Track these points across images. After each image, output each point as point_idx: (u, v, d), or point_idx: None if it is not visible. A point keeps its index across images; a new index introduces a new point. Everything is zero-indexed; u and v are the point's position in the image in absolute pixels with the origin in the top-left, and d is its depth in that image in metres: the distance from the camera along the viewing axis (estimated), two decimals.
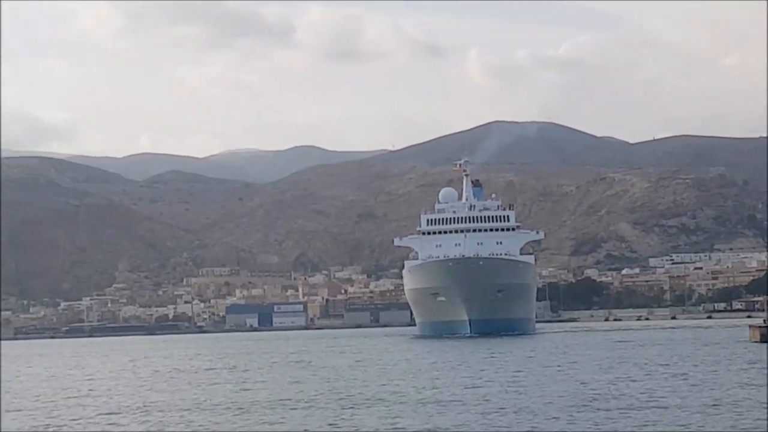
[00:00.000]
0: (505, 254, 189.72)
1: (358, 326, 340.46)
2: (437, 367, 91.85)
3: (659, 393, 60.59)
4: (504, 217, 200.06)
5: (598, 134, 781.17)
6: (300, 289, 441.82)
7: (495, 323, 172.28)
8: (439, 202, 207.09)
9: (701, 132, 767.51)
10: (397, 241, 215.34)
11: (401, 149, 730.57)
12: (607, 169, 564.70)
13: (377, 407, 56.77)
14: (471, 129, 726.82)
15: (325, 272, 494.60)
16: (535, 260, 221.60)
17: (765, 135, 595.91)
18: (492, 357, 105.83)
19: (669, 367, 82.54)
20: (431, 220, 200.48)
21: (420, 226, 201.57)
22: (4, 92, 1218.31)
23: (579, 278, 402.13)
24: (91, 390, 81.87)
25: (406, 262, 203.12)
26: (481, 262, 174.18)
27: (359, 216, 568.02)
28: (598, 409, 53.24)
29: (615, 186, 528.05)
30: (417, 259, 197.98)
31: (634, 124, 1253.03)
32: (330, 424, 50.79)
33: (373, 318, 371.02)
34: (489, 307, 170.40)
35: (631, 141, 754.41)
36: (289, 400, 64.21)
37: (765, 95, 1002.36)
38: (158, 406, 64.32)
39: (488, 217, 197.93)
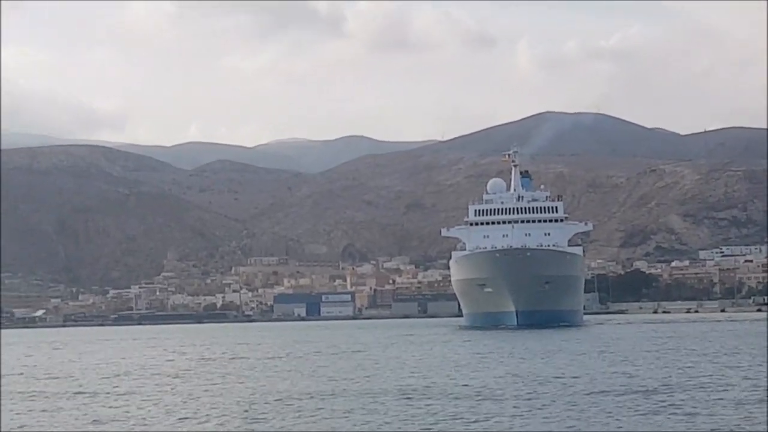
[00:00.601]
0: (553, 245, 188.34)
1: (406, 316, 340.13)
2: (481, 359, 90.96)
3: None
4: (552, 208, 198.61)
5: (649, 125, 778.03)
6: (348, 279, 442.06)
7: (542, 315, 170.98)
8: (487, 193, 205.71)
9: (753, 124, 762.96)
10: (444, 232, 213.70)
11: (450, 140, 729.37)
12: (657, 161, 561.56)
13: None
14: (520, 120, 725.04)
15: (373, 262, 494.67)
16: (584, 252, 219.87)
17: None
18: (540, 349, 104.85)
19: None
20: (479, 210, 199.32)
21: (468, 217, 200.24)
22: (56, 81, 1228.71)
23: (628, 270, 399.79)
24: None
25: (453, 253, 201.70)
26: (528, 254, 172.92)
27: (407, 206, 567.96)
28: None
29: (665, 178, 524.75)
30: (464, 249, 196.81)
31: (686, 116, 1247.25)
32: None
33: (421, 308, 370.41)
34: (536, 298, 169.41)
35: (682, 132, 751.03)
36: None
37: None
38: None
39: (536, 208, 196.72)
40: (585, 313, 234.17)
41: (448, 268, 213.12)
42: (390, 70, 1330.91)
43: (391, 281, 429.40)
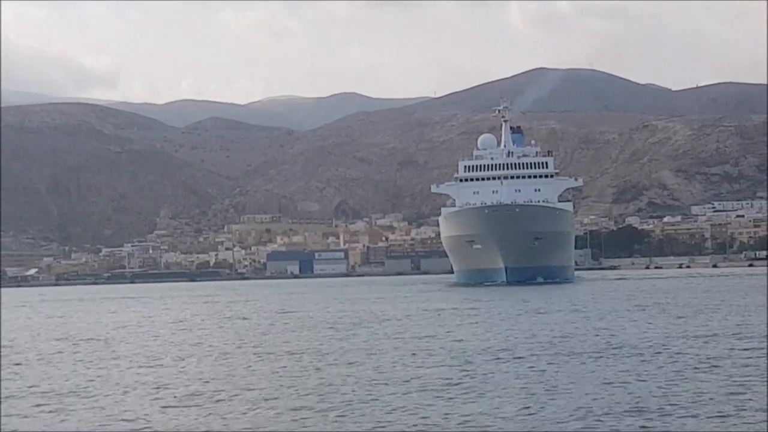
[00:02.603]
0: (543, 201, 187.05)
1: (399, 274, 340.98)
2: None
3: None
4: (542, 163, 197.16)
5: (642, 81, 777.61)
6: (341, 237, 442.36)
7: (531, 271, 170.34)
8: (477, 149, 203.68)
9: (745, 79, 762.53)
10: (434, 188, 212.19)
11: (443, 96, 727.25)
12: (649, 117, 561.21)
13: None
14: (513, 76, 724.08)
15: (366, 219, 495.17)
16: (574, 207, 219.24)
17: None
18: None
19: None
20: (469, 166, 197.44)
21: (457, 173, 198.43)
22: (48, 39, 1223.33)
23: (620, 226, 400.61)
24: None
25: (442, 209, 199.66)
26: (517, 210, 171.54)
27: (400, 163, 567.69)
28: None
29: (657, 133, 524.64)
30: (454, 206, 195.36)
31: (678, 71, 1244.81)
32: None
33: (414, 265, 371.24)
34: (525, 254, 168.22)
35: (674, 88, 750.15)
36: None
37: None
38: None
39: (526, 163, 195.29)
40: (576, 269, 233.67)
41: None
42: (383, 27, 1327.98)
43: (384, 238, 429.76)
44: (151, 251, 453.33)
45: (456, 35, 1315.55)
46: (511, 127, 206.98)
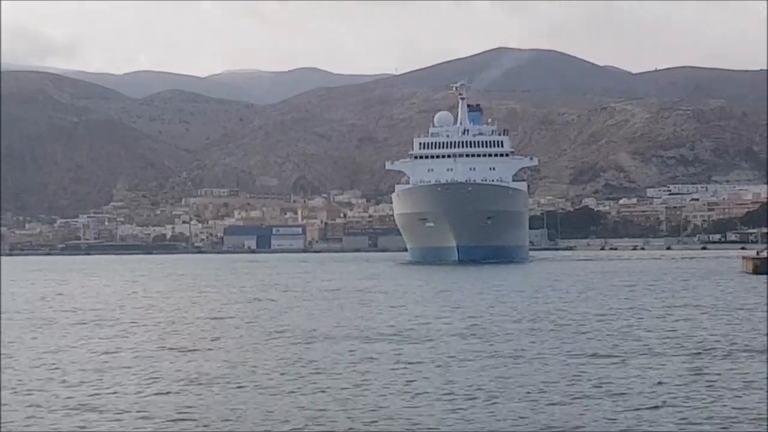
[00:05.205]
0: (498, 180, 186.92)
1: (357, 250, 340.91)
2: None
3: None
4: (498, 142, 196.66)
5: (601, 63, 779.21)
6: (299, 212, 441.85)
7: (484, 250, 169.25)
8: (433, 126, 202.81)
9: (703, 64, 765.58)
10: (388, 165, 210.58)
11: (404, 74, 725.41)
12: (608, 99, 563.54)
13: None
14: (475, 55, 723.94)
15: (325, 195, 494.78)
16: (531, 188, 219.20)
17: (765, 68, 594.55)
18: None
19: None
20: (424, 144, 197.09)
21: (412, 150, 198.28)
22: (7, 7, 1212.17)
23: (577, 207, 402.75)
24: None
25: (396, 186, 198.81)
26: (470, 188, 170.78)
27: (360, 140, 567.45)
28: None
29: (616, 116, 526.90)
30: (409, 183, 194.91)
31: (637, 54, 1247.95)
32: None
33: (372, 242, 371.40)
34: (478, 233, 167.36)
35: (634, 71, 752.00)
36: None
37: (765, 28, 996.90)
38: None
39: (482, 142, 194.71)
40: (532, 249, 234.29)
41: None
42: (344, 3, 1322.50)
43: (342, 215, 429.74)
44: (107, 223, 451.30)
45: (418, 13, 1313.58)
46: (469, 106, 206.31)
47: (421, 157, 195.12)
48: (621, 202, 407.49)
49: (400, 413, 30.45)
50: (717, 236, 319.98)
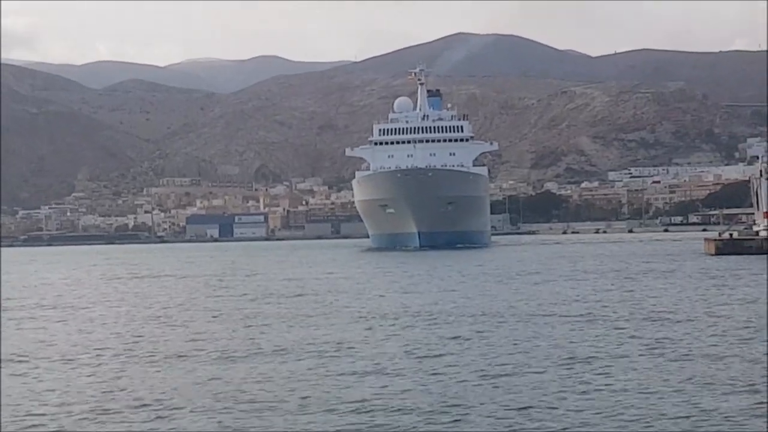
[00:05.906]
0: (458, 166, 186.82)
1: (319, 237, 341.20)
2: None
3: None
4: (458, 127, 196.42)
5: (561, 47, 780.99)
6: (261, 200, 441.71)
7: (445, 236, 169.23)
8: (393, 112, 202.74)
9: (662, 46, 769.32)
10: (348, 152, 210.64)
11: (364, 60, 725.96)
12: (568, 83, 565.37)
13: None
14: (434, 41, 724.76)
15: (287, 183, 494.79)
16: (492, 173, 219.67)
17: (724, 50, 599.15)
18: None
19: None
20: (383, 130, 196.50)
21: (372, 136, 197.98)
22: None
23: (539, 191, 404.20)
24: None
25: (356, 173, 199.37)
26: (430, 174, 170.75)
27: (320, 127, 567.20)
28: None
29: (576, 100, 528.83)
30: (369, 170, 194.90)
31: (597, 38, 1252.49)
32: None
33: (334, 230, 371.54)
34: (438, 219, 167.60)
35: (593, 54, 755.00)
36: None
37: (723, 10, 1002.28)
38: None
39: (442, 127, 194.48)
40: (495, 234, 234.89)
41: None
42: None
43: (304, 202, 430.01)
44: (69, 214, 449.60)
45: None
46: (428, 91, 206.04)
47: (381, 144, 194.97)
48: (582, 185, 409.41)
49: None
50: (679, 218, 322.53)
